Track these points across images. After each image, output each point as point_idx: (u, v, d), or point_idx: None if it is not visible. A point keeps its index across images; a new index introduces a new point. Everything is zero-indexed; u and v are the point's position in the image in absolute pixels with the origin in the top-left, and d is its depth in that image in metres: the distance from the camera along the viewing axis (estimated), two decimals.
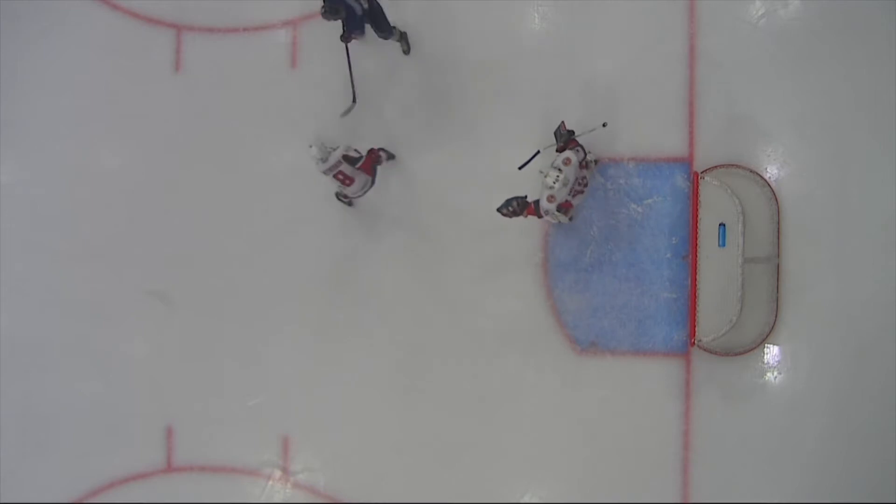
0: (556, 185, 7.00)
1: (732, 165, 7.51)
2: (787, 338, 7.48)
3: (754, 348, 7.46)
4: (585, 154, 7.31)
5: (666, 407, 7.59)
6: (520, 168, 7.39)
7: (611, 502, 7.59)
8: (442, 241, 7.96)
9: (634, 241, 7.73)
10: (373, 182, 7.71)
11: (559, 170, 7.03)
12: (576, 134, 7.21)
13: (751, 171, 7.50)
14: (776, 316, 7.42)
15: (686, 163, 7.65)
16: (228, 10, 8.37)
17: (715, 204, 7.38)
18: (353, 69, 7.61)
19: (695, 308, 7.40)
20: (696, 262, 7.41)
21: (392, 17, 7.66)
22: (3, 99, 8.57)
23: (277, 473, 8.18)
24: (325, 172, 7.52)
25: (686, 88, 7.66)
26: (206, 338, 8.27)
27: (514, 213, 7.21)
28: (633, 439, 7.60)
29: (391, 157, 7.95)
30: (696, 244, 7.41)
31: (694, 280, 7.41)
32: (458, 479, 7.77)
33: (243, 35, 8.35)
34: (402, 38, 7.93)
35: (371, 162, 7.63)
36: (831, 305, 7.43)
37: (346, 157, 7.48)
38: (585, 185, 7.38)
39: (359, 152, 7.59)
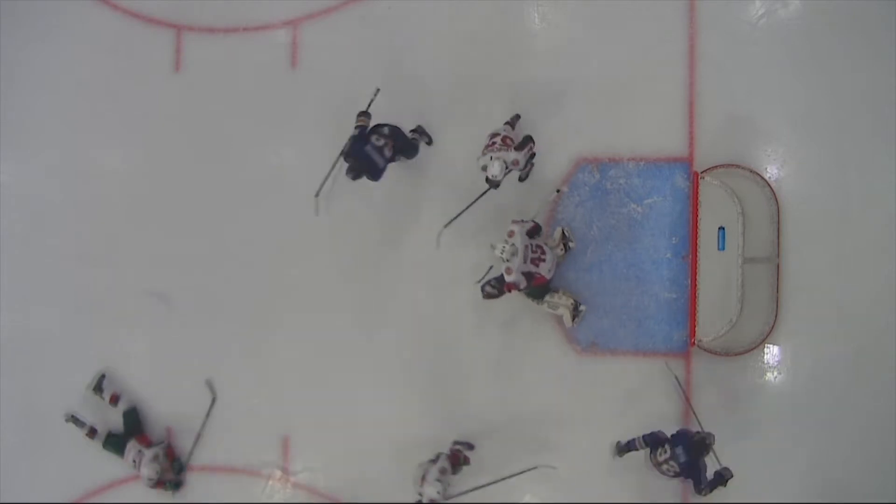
0: (505, 255, 6.88)
1: (732, 165, 7.50)
2: (787, 338, 7.48)
3: (754, 348, 7.45)
4: (536, 227, 7.23)
5: (666, 407, 7.59)
6: (478, 282, 7.38)
7: (611, 502, 7.59)
8: (443, 242, 7.95)
9: (634, 241, 7.72)
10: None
11: (505, 241, 6.93)
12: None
13: (751, 171, 7.49)
14: (776, 316, 7.41)
15: (686, 163, 7.64)
16: (228, 10, 8.35)
17: (715, 204, 7.38)
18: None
19: (695, 308, 7.40)
20: (696, 261, 7.41)
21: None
22: (3, 99, 8.56)
23: (277, 473, 8.18)
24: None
25: (686, 88, 7.66)
26: (206, 338, 8.27)
27: (496, 293, 7.14)
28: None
29: None
30: (696, 244, 7.41)
31: (694, 280, 7.41)
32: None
33: (243, 35, 8.34)
34: (422, 132, 7.79)
35: None
36: (831, 305, 7.44)
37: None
38: (543, 253, 7.14)
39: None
